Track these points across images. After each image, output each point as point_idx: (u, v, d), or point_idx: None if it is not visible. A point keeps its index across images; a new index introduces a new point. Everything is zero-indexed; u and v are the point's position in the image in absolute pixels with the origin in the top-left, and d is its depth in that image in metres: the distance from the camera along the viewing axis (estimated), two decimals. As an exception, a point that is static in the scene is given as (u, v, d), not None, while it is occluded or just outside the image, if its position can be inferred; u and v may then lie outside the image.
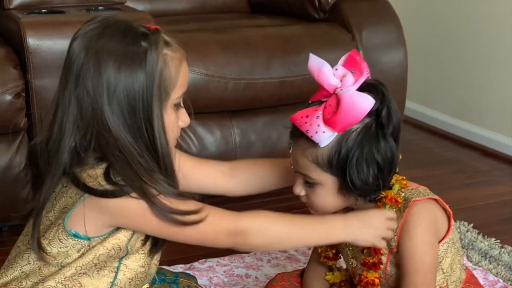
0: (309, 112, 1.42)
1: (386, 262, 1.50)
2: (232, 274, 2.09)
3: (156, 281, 1.56)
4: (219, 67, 2.41)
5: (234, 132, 2.51)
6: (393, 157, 1.43)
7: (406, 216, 1.46)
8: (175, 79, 1.31)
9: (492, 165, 3.07)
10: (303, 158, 1.44)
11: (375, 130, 1.41)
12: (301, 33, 2.59)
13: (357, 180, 1.40)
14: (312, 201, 1.48)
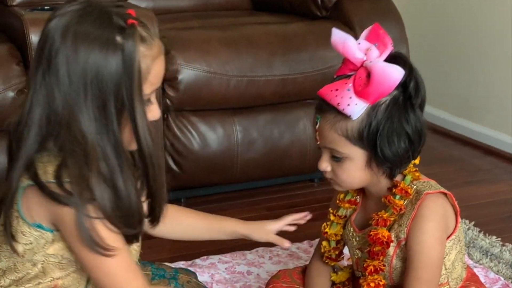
0: (338, 86, 1.43)
1: (393, 254, 1.50)
2: (234, 271, 2.10)
3: (156, 277, 1.55)
4: (221, 64, 2.41)
5: (236, 129, 2.51)
6: (422, 128, 1.45)
7: (418, 208, 1.46)
8: (145, 75, 1.26)
9: (493, 164, 3.07)
10: (332, 132, 1.44)
11: (403, 102, 1.42)
12: (303, 30, 2.60)
13: (389, 152, 1.41)
14: (338, 176, 1.48)
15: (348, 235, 1.59)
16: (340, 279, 1.63)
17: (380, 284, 1.49)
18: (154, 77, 1.28)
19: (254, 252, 2.21)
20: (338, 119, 1.42)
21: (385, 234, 1.47)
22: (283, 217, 1.64)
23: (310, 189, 2.76)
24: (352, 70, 1.44)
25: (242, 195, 2.66)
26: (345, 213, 1.60)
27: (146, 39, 1.26)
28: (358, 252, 1.57)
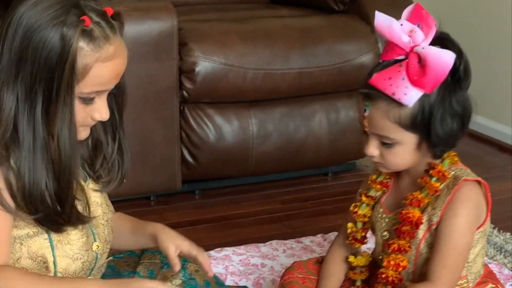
0: (391, 74, 1.42)
1: (422, 238, 1.51)
2: (248, 263, 2.11)
3: (165, 266, 1.56)
4: (239, 57, 2.42)
5: (252, 122, 2.52)
6: (470, 107, 1.47)
7: (454, 193, 1.48)
8: (82, 74, 1.25)
9: (508, 161, 3.06)
10: (384, 120, 1.44)
11: (453, 84, 1.44)
12: (320, 24, 2.60)
13: (442, 133, 1.44)
14: (387, 160, 1.49)
15: (377, 217, 1.59)
16: (358, 263, 1.62)
17: (400, 264, 1.49)
18: (95, 79, 1.26)
19: (268, 245, 2.22)
20: (391, 107, 1.43)
21: (416, 214, 1.48)
22: (199, 252, 1.53)
23: (324, 183, 2.77)
24: (399, 55, 1.44)
25: (257, 188, 2.67)
26: (375, 195, 1.61)
27: (95, 39, 1.25)
28: (386, 234, 1.57)
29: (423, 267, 1.52)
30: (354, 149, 2.70)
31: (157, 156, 2.39)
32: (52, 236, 1.35)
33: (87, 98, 1.28)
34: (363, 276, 1.62)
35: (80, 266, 1.38)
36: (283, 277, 1.70)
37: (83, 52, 1.24)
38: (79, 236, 1.38)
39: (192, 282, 1.53)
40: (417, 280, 1.54)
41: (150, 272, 1.54)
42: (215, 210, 2.48)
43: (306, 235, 2.29)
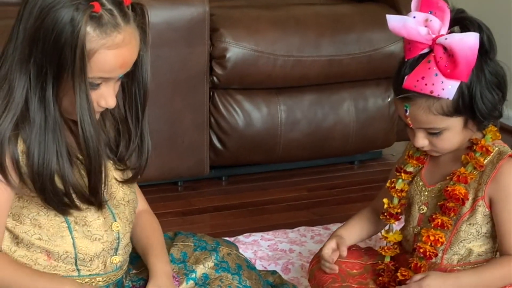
0: (423, 73, 1.43)
1: (464, 215, 1.52)
2: (276, 249, 2.12)
3: (198, 248, 1.57)
4: (269, 43, 2.42)
5: (281, 109, 2.52)
6: (502, 72, 1.49)
7: (499, 168, 1.49)
8: (87, 58, 1.25)
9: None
10: (427, 115, 1.46)
11: (481, 58, 1.45)
12: (351, 12, 2.60)
13: (486, 109, 1.46)
14: (438, 146, 1.51)
15: (416, 189, 1.60)
16: (392, 239, 1.63)
17: (439, 240, 1.51)
18: (98, 65, 1.27)
19: (295, 231, 2.22)
20: (431, 102, 1.45)
21: (462, 191, 1.50)
22: None
23: (350, 171, 2.77)
24: (423, 49, 1.44)
25: (283, 175, 2.68)
26: (411, 170, 1.61)
27: (103, 26, 1.25)
28: (424, 207, 1.58)
29: (456, 246, 1.54)
30: (381, 137, 2.70)
31: (186, 141, 2.40)
32: (68, 218, 1.37)
33: (92, 83, 1.28)
34: (394, 252, 1.63)
35: (101, 247, 1.40)
36: (312, 262, 1.71)
37: (88, 37, 1.24)
38: (96, 217, 1.39)
39: (224, 265, 1.54)
40: (446, 260, 1.55)
41: (184, 254, 1.56)
42: (242, 196, 2.49)
43: (333, 222, 2.30)
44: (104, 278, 1.42)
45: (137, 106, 1.40)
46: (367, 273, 1.66)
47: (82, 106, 1.26)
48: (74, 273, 1.39)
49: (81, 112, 1.26)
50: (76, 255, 1.38)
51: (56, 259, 1.37)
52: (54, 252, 1.37)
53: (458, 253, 1.55)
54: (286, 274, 1.97)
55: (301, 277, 1.96)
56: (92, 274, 1.40)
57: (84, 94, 1.26)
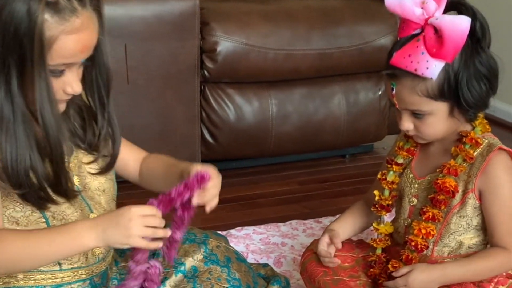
0: (410, 50, 1.44)
1: (454, 207, 1.52)
2: (268, 242, 2.12)
3: (186, 241, 1.56)
4: (260, 37, 2.42)
5: (272, 102, 2.52)
6: (495, 65, 1.48)
7: (489, 160, 1.49)
8: (47, 45, 1.25)
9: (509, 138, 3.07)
10: (412, 95, 1.46)
11: (472, 46, 1.45)
12: (341, 6, 2.60)
13: (471, 98, 1.45)
14: (422, 131, 1.51)
15: (406, 182, 1.60)
16: (383, 231, 1.63)
17: (431, 233, 1.52)
18: (60, 51, 1.26)
19: (287, 224, 2.23)
20: (416, 82, 1.45)
21: (453, 183, 1.50)
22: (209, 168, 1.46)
23: (341, 165, 2.77)
24: (416, 29, 1.45)
25: (275, 169, 2.68)
26: (402, 162, 1.62)
27: (60, 11, 1.24)
28: (414, 199, 1.59)
29: (446, 238, 1.54)
30: (372, 131, 2.71)
31: (177, 135, 2.40)
32: (45, 213, 1.36)
33: (55, 70, 1.28)
34: (385, 244, 1.64)
35: None
36: (304, 255, 1.71)
37: (47, 24, 1.23)
38: (73, 210, 1.38)
39: (213, 258, 1.54)
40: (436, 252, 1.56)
41: None
42: (233, 190, 2.49)
43: (324, 216, 2.30)
44: (87, 270, 1.41)
45: (100, 92, 1.39)
46: (358, 266, 1.67)
47: (42, 94, 1.25)
48: (56, 267, 1.38)
49: (41, 101, 1.25)
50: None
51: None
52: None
53: (449, 245, 1.55)
54: (278, 267, 1.98)
55: (293, 270, 1.96)
56: (74, 267, 1.39)
57: (44, 82, 1.24)
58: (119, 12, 2.24)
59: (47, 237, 1.29)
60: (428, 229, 1.52)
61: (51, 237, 1.29)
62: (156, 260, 1.41)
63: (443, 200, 1.51)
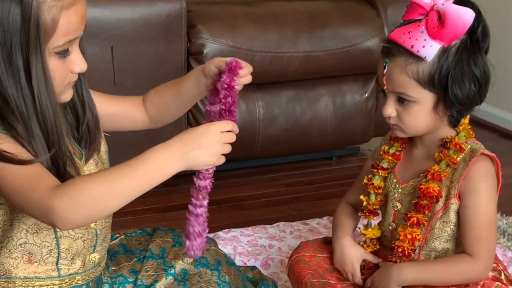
0: (411, 28, 1.45)
1: (437, 212, 1.53)
2: (256, 244, 2.13)
3: (176, 244, 1.57)
4: (247, 39, 2.43)
5: (259, 104, 2.53)
6: (489, 72, 1.49)
7: (472, 166, 1.50)
8: (52, 28, 1.24)
9: (509, 147, 3.09)
10: (403, 75, 1.47)
11: (471, 46, 1.46)
12: (327, 8, 2.61)
13: (460, 94, 1.46)
14: (404, 121, 1.51)
15: (390, 186, 1.61)
16: (370, 235, 1.64)
17: (416, 238, 1.53)
18: (65, 28, 1.24)
19: (275, 226, 2.23)
20: (409, 61, 1.45)
21: (436, 188, 1.51)
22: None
23: (328, 167, 2.79)
24: (421, 14, 1.46)
25: (262, 171, 2.69)
26: (386, 166, 1.62)
27: None
28: (398, 204, 1.59)
29: (431, 243, 1.55)
30: (359, 133, 2.72)
31: (164, 137, 2.38)
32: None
33: (63, 51, 1.27)
34: (373, 248, 1.65)
35: (82, 244, 1.39)
36: (291, 257, 1.72)
37: (46, 5, 1.22)
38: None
39: (203, 261, 1.54)
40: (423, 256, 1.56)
41: (162, 249, 1.56)
42: (220, 193, 2.50)
43: (312, 218, 2.31)
44: (83, 276, 1.42)
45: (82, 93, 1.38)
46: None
47: (39, 78, 1.23)
48: (54, 273, 1.37)
49: (38, 87, 1.23)
50: (59, 254, 1.36)
51: (37, 261, 1.35)
52: (37, 253, 1.35)
53: (435, 250, 1.56)
54: (266, 269, 1.99)
55: (281, 272, 1.97)
56: (71, 273, 1.39)
57: (40, 66, 1.23)
58: (106, 15, 2.24)
59: (128, 171, 1.21)
60: (413, 234, 1.52)
61: (132, 170, 1.21)
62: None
63: (426, 205, 1.51)
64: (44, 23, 1.22)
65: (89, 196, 1.18)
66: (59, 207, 1.16)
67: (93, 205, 1.19)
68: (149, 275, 1.50)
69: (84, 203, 1.17)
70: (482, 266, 1.51)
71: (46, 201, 1.17)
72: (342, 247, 1.64)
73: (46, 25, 1.23)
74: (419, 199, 1.52)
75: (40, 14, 1.21)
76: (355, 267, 1.62)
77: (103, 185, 1.19)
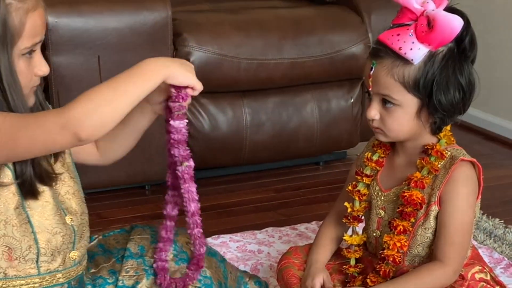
0: (400, 31, 1.46)
1: (419, 219, 1.54)
2: (245, 250, 2.14)
3: (155, 241, 1.54)
4: (233, 47, 2.44)
5: (245, 111, 2.55)
6: (474, 82, 1.51)
7: (452, 173, 1.51)
8: (20, 29, 1.28)
9: (494, 149, 3.11)
10: (389, 78, 1.48)
11: (458, 54, 1.48)
12: (312, 15, 2.63)
13: (444, 100, 1.47)
14: (387, 125, 1.52)
15: (373, 194, 1.62)
16: (352, 242, 1.65)
17: (405, 245, 1.54)
18: (32, 30, 1.29)
19: (264, 232, 2.24)
20: (396, 64, 1.46)
21: (419, 195, 1.52)
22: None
23: (315, 172, 2.80)
24: (411, 19, 1.48)
25: (250, 177, 2.70)
26: (370, 173, 1.63)
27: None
28: (381, 211, 1.60)
29: (414, 249, 1.56)
30: (345, 138, 2.74)
31: (152, 145, 2.41)
32: (29, 212, 1.36)
33: (30, 52, 1.31)
34: (357, 254, 1.65)
35: (61, 240, 1.40)
36: (280, 262, 1.72)
37: (13, 8, 1.25)
38: (54, 212, 1.39)
39: (183, 256, 1.52)
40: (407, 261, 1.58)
41: (141, 247, 1.54)
42: (209, 199, 2.51)
43: (300, 223, 2.32)
44: (64, 274, 1.42)
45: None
46: (335, 273, 1.68)
47: (8, 79, 1.27)
48: (34, 271, 1.38)
49: (9, 88, 1.27)
50: (38, 250, 1.37)
51: (17, 257, 1.36)
52: (17, 248, 1.35)
53: (419, 255, 1.58)
54: (256, 274, 1.99)
55: (270, 277, 1.98)
56: (51, 271, 1.40)
57: (8, 66, 1.26)
58: (92, 24, 2.25)
59: (125, 76, 1.31)
60: (401, 242, 1.54)
61: (128, 74, 1.31)
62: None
63: (411, 212, 1.52)
64: (12, 25, 1.26)
65: (102, 97, 1.26)
66: (75, 115, 1.24)
67: (107, 105, 1.26)
68: (130, 276, 1.49)
69: (97, 105, 1.25)
70: (452, 270, 1.52)
71: (61, 117, 1.24)
72: (311, 262, 1.66)
73: (14, 26, 1.26)
74: (403, 207, 1.53)
75: (8, 16, 1.25)
76: (315, 281, 1.61)
77: (112, 88, 1.28)
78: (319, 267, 1.64)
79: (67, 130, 1.24)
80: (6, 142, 1.26)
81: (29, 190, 1.36)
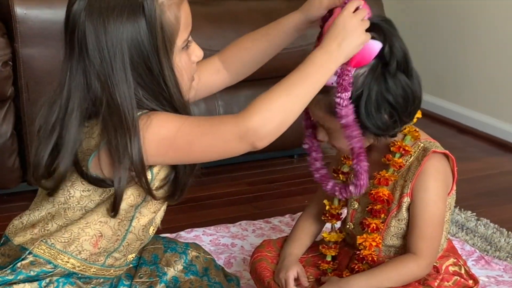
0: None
1: (391, 212, 1.54)
2: (218, 243, 2.13)
3: (168, 250, 1.58)
4: (205, 39, 2.42)
5: (218, 104, 2.54)
6: (406, 92, 1.44)
7: (423, 164, 1.51)
8: (177, 25, 1.29)
9: (467, 142, 3.13)
10: (317, 110, 1.47)
11: (381, 70, 1.43)
12: (284, 7, 2.62)
13: (368, 122, 1.43)
14: (336, 145, 1.52)
15: None
16: (330, 239, 1.65)
17: (379, 242, 1.54)
18: (185, 20, 1.32)
19: (237, 225, 2.24)
20: (321, 97, 1.41)
21: (386, 192, 1.52)
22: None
23: (289, 165, 2.80)
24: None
25: (224, 170, 2.69)
26: (347, 170, 1.63)
27: None
28: (356, 203, 1.60)
29: (389, 240, 1.57)
30: (319, 131, 2.73)
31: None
32: (136, 214, 1.38)
33: (189, 43, 1.35)
34: (333, 252, 1.65)
35: (139, 245, 1.42)
36: (253, 255, 1.72)
37: (165, 6, 1.27)
38: (148, 221, 1.41)
39: (192, 269, 1.57)
40: (383, 252, 1.58)
41: (155, 256, 1.57)
42: (182, 193, 2.50)
43: (274, 216, 2.32)
44: (116, 270, 1.44)
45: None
46: (308, 266, 1.68)
47: (172, 81, 1.29)
48: (101, 261, 1.38)
49: (173, 90, 1.30)
50: (119, 246, 1.38)
51: (100, 248, 1.36)
52: (106, 237, 1.35)
53: (394, 246, 1.58)
54: (229, 268, 1.99)
55: (244, 270, 1.98)
56: (111, 266, 1.41)
57: (170, 68, 1.29)
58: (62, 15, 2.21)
59: (301, 77, 1.33)
60: (376, 240, 1.54)
61: (304, 75, 1.33)
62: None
63: (380, 209, 1.53)
64: (168, 23, 1.27)
65: (277, 105, 1.28)
66: (254, 124, 1.25)
67: (283, 112, 1.28)
68: (143, 281, 1.51)
69: (276, 113, 1.27)
70: (425, 263, 1.52)
71: (239, 127, 1.25)
72: (285, 255, 1.65)
73: (171, 24, 1.28)
74: (372, 205, 1.54)
75: (163, 16, 1.25)
76: (288, 274, 1.60)
77: (285, 94, 1.29)
78: (293, 260, 1.64)
79: (245, 140, 1.26)
80: (183, 146, 1.27)
81: (166, 197, 1.37)
